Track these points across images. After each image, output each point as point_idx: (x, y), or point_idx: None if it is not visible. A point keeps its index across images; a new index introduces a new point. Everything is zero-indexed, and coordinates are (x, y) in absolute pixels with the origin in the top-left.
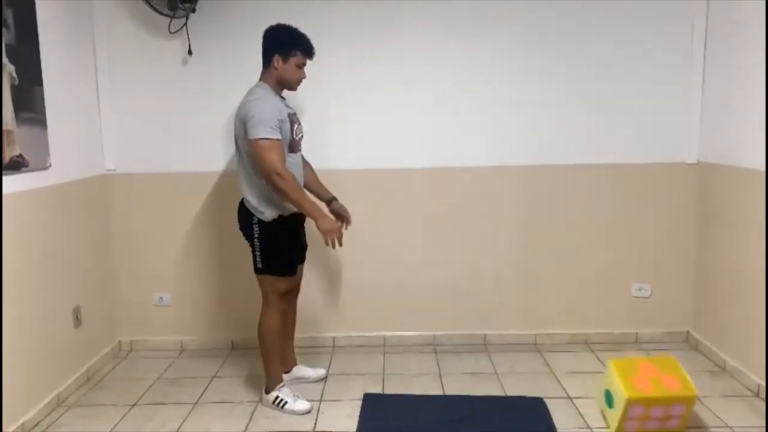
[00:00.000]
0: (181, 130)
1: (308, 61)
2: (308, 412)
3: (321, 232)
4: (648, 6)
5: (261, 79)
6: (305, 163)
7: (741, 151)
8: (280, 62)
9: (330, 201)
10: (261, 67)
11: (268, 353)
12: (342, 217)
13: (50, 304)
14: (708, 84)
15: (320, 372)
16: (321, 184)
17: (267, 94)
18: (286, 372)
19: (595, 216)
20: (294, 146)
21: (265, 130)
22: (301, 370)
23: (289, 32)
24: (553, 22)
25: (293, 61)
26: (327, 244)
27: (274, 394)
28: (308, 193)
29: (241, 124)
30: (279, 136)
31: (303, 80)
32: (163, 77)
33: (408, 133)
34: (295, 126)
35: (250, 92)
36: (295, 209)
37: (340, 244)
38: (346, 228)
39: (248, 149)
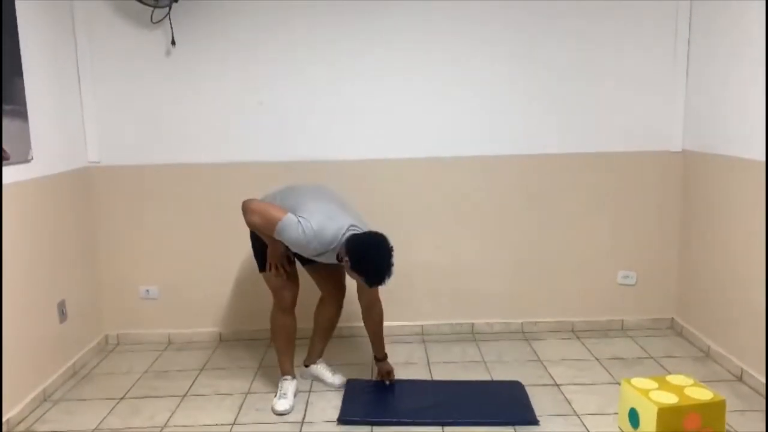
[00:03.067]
0: (165, 121)
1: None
2: (282, 413)
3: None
4: None
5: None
6: (372, 322)
7: (725, 139)
8: (346, 262)
9: (380, 360)
10: (245, 55)
11: (275, 345)
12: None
13: (35, 299)
14: (692, 72)
15: (338, 380)
16: (380, 341)
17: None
18: (307, 366)
19: (580, 204)
20: None
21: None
22: (319, 370)
23: (367, 256)
24: (542, 16)
25: (354, 274)
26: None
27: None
28: None
29: None
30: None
31: None
32: (146, 68)
33: (398, 124)
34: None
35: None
36: None
37: (279, 269)
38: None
39: None
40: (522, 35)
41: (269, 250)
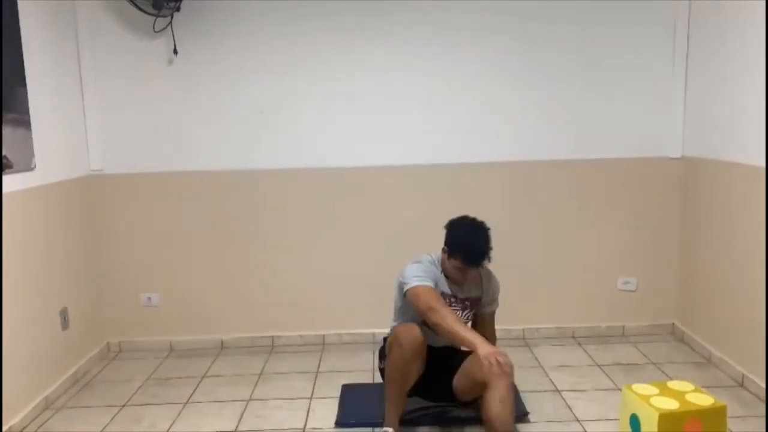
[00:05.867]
0: (167, 129)
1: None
2: None
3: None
4: (631, 4)
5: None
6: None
7: (724, 145)
8: (445, 254)
9: None
10: (247, 64)
11: (385, 390)
12: None
13: (37, 307)
14: (691, 79)
15: None
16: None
17: (431, 266)
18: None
19: (580, 211)
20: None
21: (422, 280)
22: None
23: (459, 233)
24: (539, 23)
25: (453, 261)
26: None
27: None
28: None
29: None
30: (431, 285)
31: (466, 280)
32: (148, 76)
33: (397, 131)
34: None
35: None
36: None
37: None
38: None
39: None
40: (520, 42)
41: (486, 351)
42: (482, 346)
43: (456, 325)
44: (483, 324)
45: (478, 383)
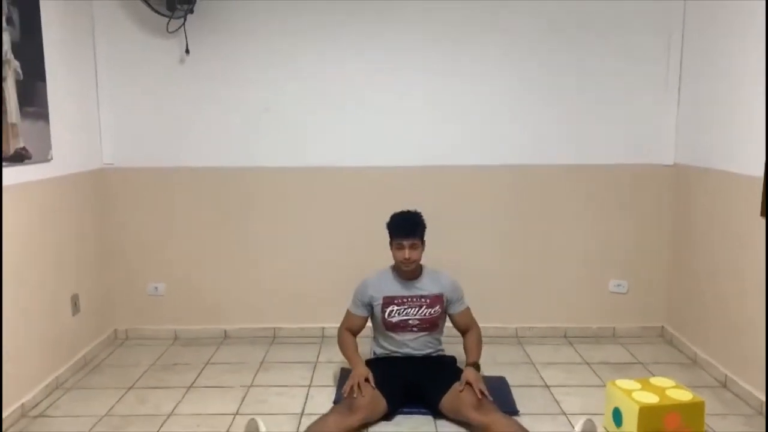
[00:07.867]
0: (177, 126)
1: (404, 243)
2: None
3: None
4: (626, 15)
5: None
6: (468, 339)
7: (716, 153)
8: (391, 249)
9: (468, 365)
10: (255, 64)
11: None
12: (465, 381)
13: (50, 292)
14: (684, 88)
15: None
16: (473, 351)
17: (379, 273)
18: None
19: (574, 215)
20: (389, 327)
21: (350, 303)
22: None
23: (390, 220)
24: (537, 32)
25: (393, 244)
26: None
27: None
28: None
29: None
30: (356, 312)
31: (409, 260)
32: (160, 75)
33: (396, 133)
34: (391, 308)
35: None
36: (386, 353)
37: (354, 393)
38: (480, 393)
39: None
40: (517, 55)
41: (352, 373)
42: (356, 369)
43: (347, 348)
44: (460, 326)
45: (470, 420)
